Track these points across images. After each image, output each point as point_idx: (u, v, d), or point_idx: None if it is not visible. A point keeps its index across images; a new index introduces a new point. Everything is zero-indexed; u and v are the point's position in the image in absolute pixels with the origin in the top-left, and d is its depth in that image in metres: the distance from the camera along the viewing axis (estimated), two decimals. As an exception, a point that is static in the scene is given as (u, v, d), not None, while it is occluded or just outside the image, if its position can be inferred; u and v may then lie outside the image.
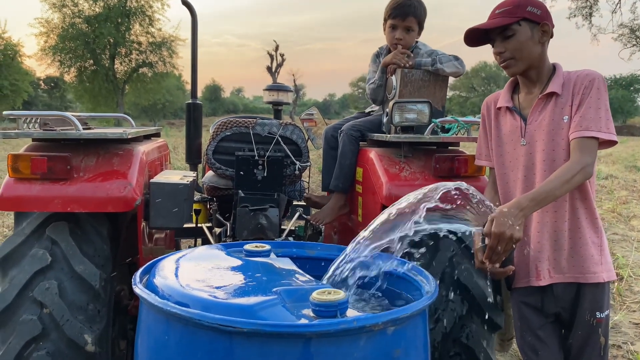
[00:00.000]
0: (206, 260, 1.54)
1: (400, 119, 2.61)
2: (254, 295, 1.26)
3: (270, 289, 1.30)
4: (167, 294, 1.27)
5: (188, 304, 1.21)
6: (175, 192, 2.54)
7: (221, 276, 1.40)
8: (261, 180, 3.09)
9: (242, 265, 1.52)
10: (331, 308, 1.21)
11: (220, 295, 1.25)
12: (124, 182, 2.40)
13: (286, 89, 4.49)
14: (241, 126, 3.17)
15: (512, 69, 2.16)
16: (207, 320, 1.11)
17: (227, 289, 1.29)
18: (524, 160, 2.21)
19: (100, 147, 2.55)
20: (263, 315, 1.16)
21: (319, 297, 1.23)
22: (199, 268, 1.46)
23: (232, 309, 1.17)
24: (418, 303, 1.28)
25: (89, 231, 2.50)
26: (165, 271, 1.41)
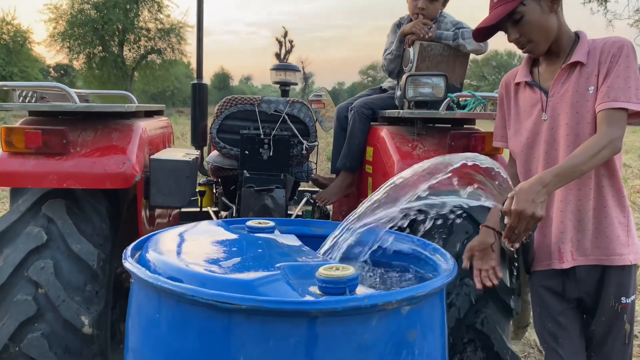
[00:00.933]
0: (204, 235, 1.42)
1: (414, 94, 2.47)
2: (255, 271, 1.14)
3: (272, 264, 1.18)
4: (159, 268, 1.16)
5: (182, 279, 1.10)
6: (176, 169, 2.43)
7: (220, 251, 1.28)
8: (267, 160, 2.97)
9: (243, 241, 1.40)
10: (339, 284, 1.09)
11: (218, 270, 1.13)
12: (123, 157, 2.29)
13: (294, 68, 4.34)
14: (246, 103, 3.04)
15: (535, 51, 2.03)
16: (202, 296, 1.00)
17: (225, 264, 1.18)
18: (545, 136, 2.07)
19: (99, 122, 2.44)
20: (264, 292, 1.04)
21: (326, 272, 1.11)
22: (197, 243, 1.34)
23: (230, 284, 1.06)
24: (436, 281, 1.16)
25: (87, 209, 2.41)
26: (159, 245, 1.30)
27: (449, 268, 1.27)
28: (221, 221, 1.63)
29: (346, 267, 1.16)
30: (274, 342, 0.99)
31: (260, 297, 0.99)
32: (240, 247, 1.33)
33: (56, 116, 2.47)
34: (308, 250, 1.39)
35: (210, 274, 1.10)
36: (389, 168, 2.55)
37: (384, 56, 3.07)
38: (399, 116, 2.50)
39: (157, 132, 2.86)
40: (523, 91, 2.14)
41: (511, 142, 2.18)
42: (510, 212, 1.76)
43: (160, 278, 1.07)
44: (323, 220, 1.87)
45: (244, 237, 1.43)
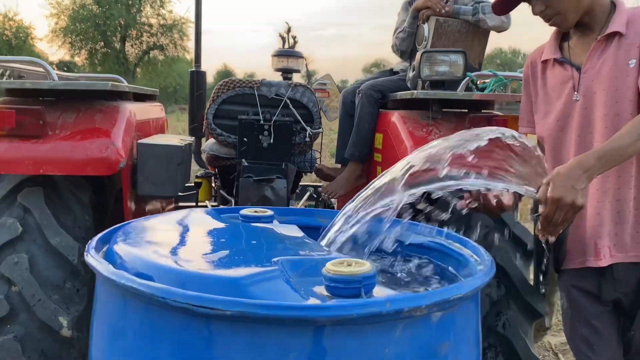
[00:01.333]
0: (188, 224, 1.19)
1: (430, 72, 2.24)
2: (245, 267, 0.91)
3: (268, 259, 0.95)
4: (127, 263, 0.93)
5: (153, 277, 0.87)
6: (166, 155, 2.20)
7: (204, 243, 1.05)
8: (267, 147, 2.74)
9: (233, 231, 1.17)
10: (352, 284, 0.86)
11: (199, 266, 0.90)
12: (107, 141, 2.07)
13: (297, 54, 4.11)
14: (245, 87, 2.81)
15: (564, 24, 1.81)
16: (176, 298, 0.77)
17: (209, 258, 0.95)
18: (578, 118, 1.84)
19: (82, 103, 2.21)
20: (256, 293, 0.81)
21: (336, 269, 0.88)
22: (177, 233, 1.11)
23: (212, 283, 0.83)
24: (473, 281, 0.93)
25: (68, 198, 2.19)
26: (131, 236, 1.07)
27: (486, 265, 1.04)
28: (211, 209, 1.40)
29: (360, 262, 0.93)
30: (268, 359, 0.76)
31: (250, 301, 0.75)
32: (229, 239, 1.10)
33: (37, 96, 2.24)
34: (312, 243, 1.16)
35: (189, 270, 0.87)
36: (401, 155, 2.31)
37: (395, 35, 2.82)
38: (412, 98, 2.27)
39: (148, 117, 2.63)
40: (551, 69, 1.91)
41: (539, 127, 1.94)
42: (547, 200, 1.52)
43: (126, 275, 0.84)
44: (329, 210, 1.64)
45: (235, 227, 1.19)
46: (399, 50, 2.82)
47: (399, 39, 2.78)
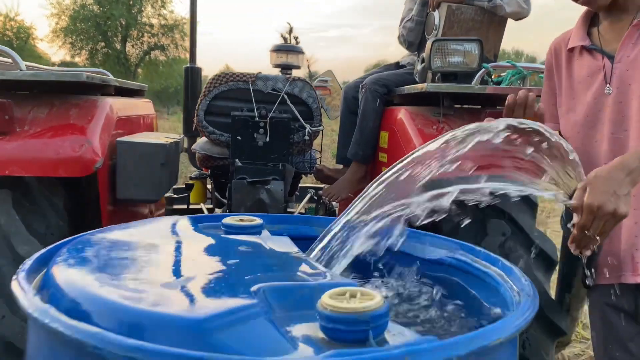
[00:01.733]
0: (154, 237, 0.96)
1: (442, 64, 2.01)
2: (216, 299, 0.69)
3: (248, 286, 0.73)
4: (63, 293, 0.70)
5: (91, 314, 0.65)
6: (148, 155, 1.98)
7: (167, 265, 0.82)
8: (262, 146, 2.52)
9: (209, 247, 0.94)
10: (358, 326, 0.64)
11: (155, 299, 0.68)
12: (81, 138, 1.85)
13: (297, 50, 3.89)
14: (239, 80, 2.59)
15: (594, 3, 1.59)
16: (111, 347, 0.55)
17: (170, 286, 0.72)
18: (610, 114, 1.62)
19: (56, 97, 1.99)
20: (224, 340, 0.59)
21: (335, 303, 0.66)
22: (137, 250, 0.88)
23: (167, 325, 0.61)
24: (513, 318, 0.70)
25: (41, 203, 1.97)
26: (79, 254, 0.84)
27: (526, 292, 0.81)
28: (188, 217, 1.17)
29: (368, 293, 0.70)
30: None
31: (214, 356, 0.53)
32: (201, 258, 0.87)
33: (7, 89, 2.03)
34: (307, 261, 0.94)
35: (138, 307, 0.64)
36: (409, 155, 2.09)
37: (402, 25, 2.59)
38: (421, 92, 2.04)
39: (132, 113, 2.41)
40: (579, 58, 1.69)
41: (562, 123, 1.72)
42: (583, 208, 1.30)
43: (52, 312, 0.62)
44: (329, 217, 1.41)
45: (211, 242, 0.96)
46: (407, 41, 2.59)
47: (406, 28, 2.55)
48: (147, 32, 28.27)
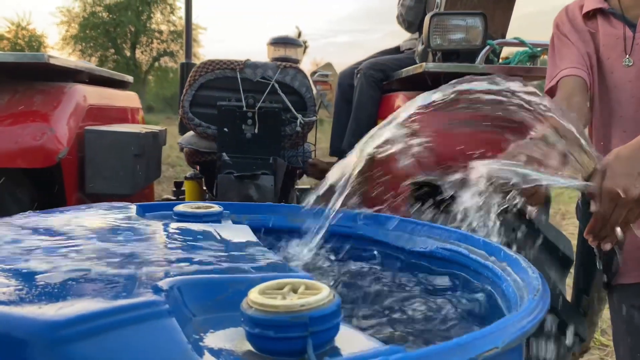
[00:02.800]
0: (77, 223, 0.78)
1: (442, 41, 1.82)
2: (105, 296, 0.51)
3: (160, 280, 0.54)
4: None
5: None
6: (119, 144, 1.81)
7: (72, 255, 0.63)
8: (251, 139, 2.34)
9: (138, 236, 0.75)
10: (293, 331, 0.45)
11: (23, 295, 0.49)
12: (43, 126, 1.68)
13: (295, 42, 3.72)
14: (226, 68, 2.41)
15: None
16: None
17: (56, 280, 0.53)
18: (631, 89, 1.43)
19: (22, 83, 1.84)
20: (88, 351, 0.40)
21: (263, 301, 0.47)
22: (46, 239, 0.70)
23: (16, 330, 0.43)
24: (516, 319, 0.51)
25: (4, 198, 1.81)
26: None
27: (533, 286, 0.62)
28: (137, 205, 0.99)
29: (315, 285, 0.52)
30: None
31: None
32: (119, 248, 0.68)
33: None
34: (260, 253, 0.75)
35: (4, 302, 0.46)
36: (407, 143, 1.90)
37: (400, 3, 2.40)
38: (420, 74, 1.85)
39: (109, 103, 2.24)
40: (595, 25, 1.49)
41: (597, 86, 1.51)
42: (602, 194, 1.09)
43: None
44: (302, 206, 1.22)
45: (144, 230, 0.78)
46: (406, 21, 2.40)
47: (404, 7, 2.35)
48: (156, 39, 28.37)
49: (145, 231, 0.77)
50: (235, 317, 0.53)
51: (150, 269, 0.59)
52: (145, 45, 28.57)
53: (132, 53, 28.25)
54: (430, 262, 0.89)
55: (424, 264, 0.89)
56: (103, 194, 1.84)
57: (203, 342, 0.49)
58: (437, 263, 0.87)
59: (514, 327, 0.49)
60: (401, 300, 0.72)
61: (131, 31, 27.57)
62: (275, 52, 3.66)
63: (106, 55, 27.67)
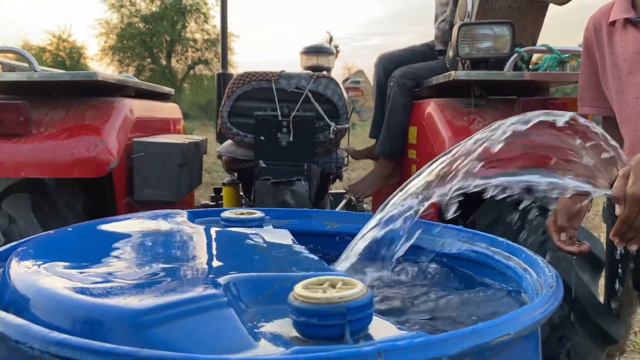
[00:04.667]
0: (136, 230, 0.88)
1: (470, 50, 1.88)
2: (174, 290, 0.60)
3: (218, 277, 0.64)
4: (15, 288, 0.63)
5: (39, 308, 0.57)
6: (165, 155, 1.93)
7: (138, 257, 0.74)
8: (286, 146, 2.43)
9: (192, 239, 0.85)
10: (331, 319, 0.54)
11: (105, 290, 0.59)
12: (95, 139, 1.82)
13: (327, 50, 3.81)
14: (262, 80, 2.52)
15: None
16: (31, 342, 0.47)
17: (128, 278, 0.63)
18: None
19: (74, 99, 1.98)
20: (164, 334, 0.50)
21: (307, 293, 0.56)
22: (114, 243, 0.81)
23: (106, 318, 0.52)
24: (528, 310, 0.58)
25: (59, 205, 1.95)
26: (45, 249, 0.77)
27: (548, 283, 0.69)
28: (187, 211, 1.09)
29: (350, 281, 0.60)
30: None
31: (142, 352, 0.44)
32: (178, 250, 0.78)
33: (27, 93, 2.03)
34: (301, 254, 0.84)
35: (80, 298, 0.56)
36: (438, 149, 1.96)
37: (437, 25, 2.46)
38: (450, 81, 1.91)
39: (153, 115, 2.38)
40: (622, 33, 1.52)
41: (614, 105, 1.55)
42: (625, 198, 1.14)
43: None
44: (342, 212, 1.31)
45: (198, 234, 0.88)
46: (443, 42, 2.47)
47: (440, 30, 2.42)
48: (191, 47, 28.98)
49: (199, 235, 0.87)
50: (282, 309, 0.62)
51: (208, 267, 0.69)
52: (180, 54, 29.23)
53: (167, 62, 28.93)
54: (457, 262, 0.96)
55: (452, 264, 0.96)
56: (150, 201, 1.96)
57: (257, 329, 0.58)
58: (463, 264, 0.94)
59: (526, 317, 0.56)
60: (429, 297, 0.80)
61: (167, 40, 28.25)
62: (308, 60, 3.76)
63: (143, 65, 28.42)
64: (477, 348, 0.50)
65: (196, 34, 28.96)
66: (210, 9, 27.99)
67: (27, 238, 0.84)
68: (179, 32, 28.32)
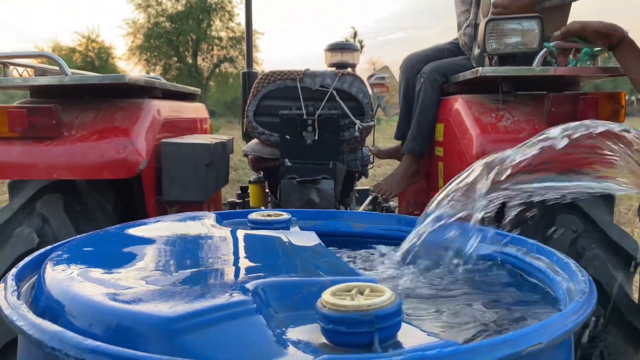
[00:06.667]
0: (164, 233, 0.90)
1: (498, 45, 1.85)
2: (203, 295, 0.61)
3: (246, 283, 0.64)
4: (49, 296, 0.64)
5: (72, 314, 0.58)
6: (192, 155, 1.96)
7: (168, 261, 0.75)
8: (311, 145, 2.44)
9: (220, 242, 0.86)
10: (360, 327, 0.54)
11: (136, 296, 0.60)
12: (125, 140, 1.85)
13: (352, 47, 3.80)
14: (287, 79, 2.52)
15: None
16: (65, 349, 0.48)
17: (159, 283, 0.65)
18: None
19: (103, 101, 2.02)
20: (195, 341, 0.50)
21: (335, 301, 0.56)
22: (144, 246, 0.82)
23: (137, 325, 0.53)
24: (561, 318, 0.57)
25: (90, 206, 1.99)
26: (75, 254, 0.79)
27: (581, 289, 0.67)
28: (215, 213, 1.10)
29: (378, 288, 0.60)
30: None
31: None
32: (207, 254, 0.79)
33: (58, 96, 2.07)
34: (328, 257, 0.84)
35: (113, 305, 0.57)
36: (465, 147, 1.94)
37: (462, 31, 2.42)
38: (477, 77, 1.88)
39: (180, 116, 2.41)
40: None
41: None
42: None
43: (22, 311, 0.56)
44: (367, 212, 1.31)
45: (226, 237, 0.89)
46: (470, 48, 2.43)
47: (467, 35, 2.38)
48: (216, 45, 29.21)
49: (227, 238, 0.88)
50: (309, 315, 0.62)
51: (236, 271, 0.69)
52: (205, 52, 29.50)
53: (193, 60, 29.23)
54: (488, 265, 0.95)
55: (482, 267, 0.95)
56: (178, 200, 1.99)
57: (285, 336, 0.58)
58: (494, 267, 0.93)
59: (558, 326, 0.55)
60: (460, 302, 0.79)
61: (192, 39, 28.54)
62: (333, 57, 3.76)
63: (169, 64, 28.79)
64: (508, 358, 0.49)
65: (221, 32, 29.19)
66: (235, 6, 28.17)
67: (60, 242, 0.86)
68: (204, 30, 28.57)
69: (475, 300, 0.81)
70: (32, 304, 0.66)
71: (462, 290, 0.88)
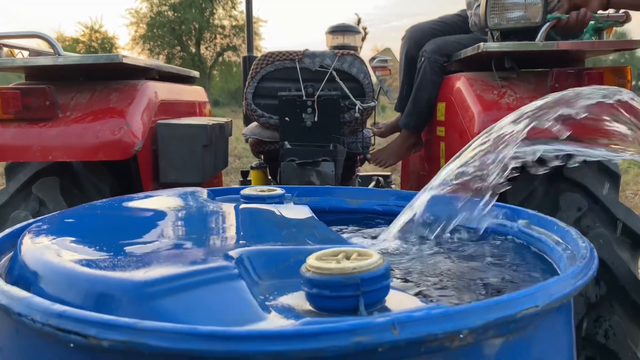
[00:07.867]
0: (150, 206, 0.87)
1: (499, 20, 1.80)
2: (184, 262, 0.58)
3: (231, 250, 0.61)
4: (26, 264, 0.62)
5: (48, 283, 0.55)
6: (189, 137, 1.93)
7: (152, 232, 0.72)
8: (311, 127, 2.40)
9: (209, 215, 0.83)
10: (345, 290, 0.51)
11: (114, 264, 0.57)
12: (119, 121, 1.82)
13: (353, 29, 3.75)
14: (286, 60, 2.48)
15: None
16: (32, 314, 0.46)
17: (139, 252, 0.62)
18: None
19: (100, 82, 1.99)
20: (170, 306, 0.48)
21: (320, 264, 0.53)
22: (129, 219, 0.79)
23: (112, 291, 0.50)
24: (558, 281, 0.54)
25: (87, 189, 1.97)
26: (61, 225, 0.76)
27: (581, 255, 0.64)
28: (207, 190, 1.07)
29: (365, 252, 0.57)
30: None
31: (144, 325, 0.42)
32: (194, 225, 0.76)
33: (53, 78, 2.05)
34: (320, 228, 0.81)
35: (87, 272, 0.54)
36: (467, 124, 1.90)
37: (473, 10, 2.35)
38: (479, 54, 1.84)
39: (178, 98, 2.37)
40: None
41: None
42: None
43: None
44: (363, 188, 1.28)
45: (215, 210, 0.86)
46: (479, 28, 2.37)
47: (477, 15, 2.32)
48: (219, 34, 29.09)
49: (216, 211, 0.85)
50: (296, 283, 0.59)
51: (221, 241, 0.66)
52: (209, 41, 29.38)
53: (197, 49, 29.13)
54: (486, 236, 0.92)
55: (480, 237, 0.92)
56: (176, 183, 1.96)
57: (269, 302, 0.56)
58: (492, 237, 0.90)
59: (555, 288, 0.52)
60: (455, 271, 0.76)
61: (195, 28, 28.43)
62: (334, 40, 3.71)
63: (173, 53, 28.70)
64: (501, 320, 0.46)
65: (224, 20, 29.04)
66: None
67: (43, 216, 0.83)
68: (207, 19, 28.44)
69: (472, 270, 0.78)
70: (7, 275, 0.63)
71: (458, 261, 0.85)
